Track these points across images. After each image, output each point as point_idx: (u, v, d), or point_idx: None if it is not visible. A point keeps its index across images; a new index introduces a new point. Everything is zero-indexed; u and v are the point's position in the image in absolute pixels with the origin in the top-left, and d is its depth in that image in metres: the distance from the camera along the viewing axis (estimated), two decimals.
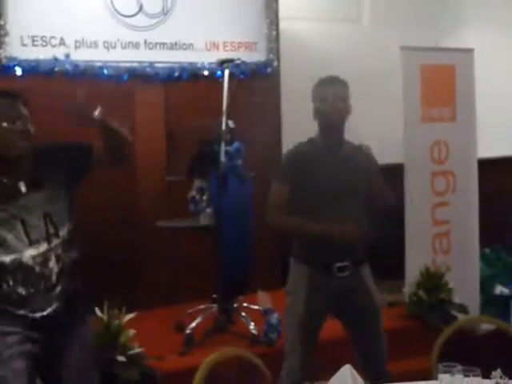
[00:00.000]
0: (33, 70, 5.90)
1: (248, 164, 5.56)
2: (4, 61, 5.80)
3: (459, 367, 2.78)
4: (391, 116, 6.92)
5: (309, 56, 7.15)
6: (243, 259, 5.41)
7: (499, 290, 6.58)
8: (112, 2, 6.24)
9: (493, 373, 2.81)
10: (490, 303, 6.41)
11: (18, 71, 5.86)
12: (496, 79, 7.74)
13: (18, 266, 3.31)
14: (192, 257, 6.33)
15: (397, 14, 7.86)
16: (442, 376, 2.82)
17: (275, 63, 6.96)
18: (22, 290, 3.33)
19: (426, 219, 6.18)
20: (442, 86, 6.14)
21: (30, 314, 3.34)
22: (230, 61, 5.63)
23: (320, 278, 4.08)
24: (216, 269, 5.39)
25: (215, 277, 5.47)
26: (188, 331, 5.29)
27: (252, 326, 5.31)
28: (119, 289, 4.65)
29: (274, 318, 5.28)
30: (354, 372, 2.87)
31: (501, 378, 2.82)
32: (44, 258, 3.35)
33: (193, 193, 5.52)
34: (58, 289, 3.39)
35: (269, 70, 6.92)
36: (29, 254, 3.32)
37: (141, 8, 6.38)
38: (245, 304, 5.62)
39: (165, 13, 6.48)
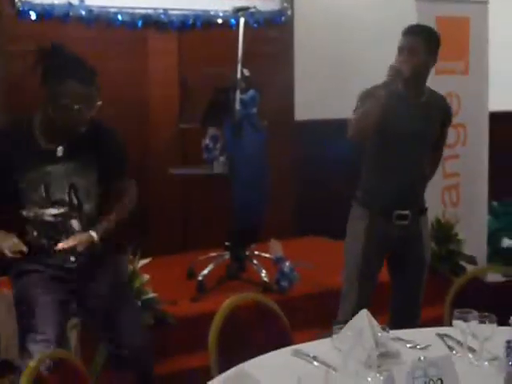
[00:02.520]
0: (47, 14, 5.84)
1: (261, 113, 5.57)
2: (19, 5, 5.74)
3: (475, 313, 2.82)
4: None
5: (323, 5, 7.09)
6: (256, 207, 5.43)
7: (506, 243, 6.64)
8: None
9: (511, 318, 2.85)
10: (497, 256, 6.46)
11: (33, 16, 5.81)
12: (510, 32, 7.70)
13: (40, 221, 3.57)
14: (205, 204, 6.37)
15: None
16: (457, 322, 2.87)
17: (289, 12, 6.93)
18: (45, 242, 3.60)
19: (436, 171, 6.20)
20: (456, 38, 6.10)
21: (56, 263, 3.62)
22: (245, 9, 5.60)
23: (378, 223, 4.16)
24: (229, 216, 5.45)
25: (228, 224, 5.53)
26: (200, 278, 5.35)
27: (264, 273, 5.36)
28: (133, 235, 4.67)
29: (286, 266, 5.33)
30: (371, 316, 2.93)
31: None
32: (65, 218, 3.59)
33: (206, 141, 5.51)
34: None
35: (283, 18, 6.89)
36: (49, 212, 3.56)
37: None
38: (256, 252, 5.64)
39: None
